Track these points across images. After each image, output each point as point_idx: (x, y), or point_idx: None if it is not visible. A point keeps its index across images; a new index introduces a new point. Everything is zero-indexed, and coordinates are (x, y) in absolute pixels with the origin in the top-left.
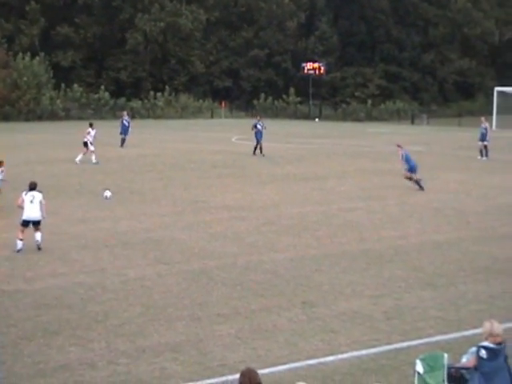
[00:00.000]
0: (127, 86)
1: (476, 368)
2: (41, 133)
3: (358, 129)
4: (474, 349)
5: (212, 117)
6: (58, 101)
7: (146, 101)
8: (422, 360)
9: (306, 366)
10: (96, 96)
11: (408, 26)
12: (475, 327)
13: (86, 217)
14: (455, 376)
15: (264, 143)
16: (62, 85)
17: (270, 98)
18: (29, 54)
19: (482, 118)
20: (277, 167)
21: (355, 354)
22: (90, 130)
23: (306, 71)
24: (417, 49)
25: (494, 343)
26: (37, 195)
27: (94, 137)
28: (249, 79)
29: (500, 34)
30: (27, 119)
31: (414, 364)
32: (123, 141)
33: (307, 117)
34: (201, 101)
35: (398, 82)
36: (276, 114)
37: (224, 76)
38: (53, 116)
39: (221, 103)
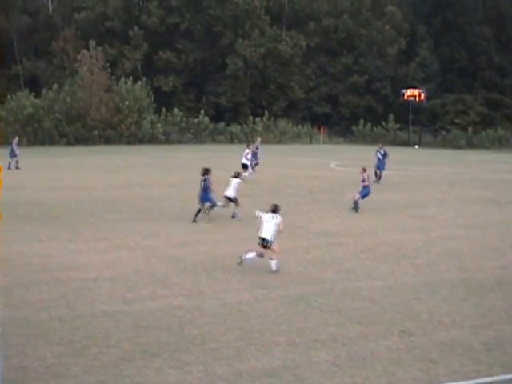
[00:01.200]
0: (226, 110)
1: None
2: (142, 155)
3: (458, 156)
4: None
5: (310, 142)
6: (159, 125)
7: (244, 125)
8: None
9: None
10: (196, 120)
11: (511, 53)
12: None
13: (186, 240)
14: None
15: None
16: (163, 109)
17: (369, 125)
18: (131, 78)
19: None
20: (375, 194)
21: None
22: (247, 150)
23: (405, 97)
24: None
25: None
26: (277, 218)
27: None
28: (348, 105)
29: None
30: (128, 142)
31: None
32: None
33: (406, 143)
34: (299, 126)
35: (499, 110)
36: (375, 140)
37: (323, 102)
38: (153, 140)
39: (319, 129)
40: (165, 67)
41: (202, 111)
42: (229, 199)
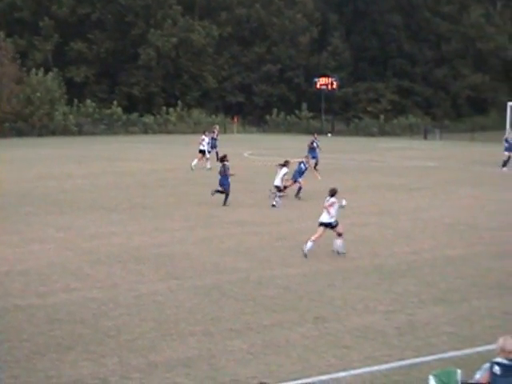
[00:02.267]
0: (140, 101)
1: None
2: (54, 148)
3: (370, 144)
4: (487, 365)
5: (224, 132)
6: (71, 116)
7: (158, 116)
8: (435, 376)
9: (318, 382)
10: (108, 111)
11: (420, 41)
12: (489, 343)
13: (99, 232)
14: None
15: (276, 159)
16: (75, 100)
17: (283, 113)
18: (42, 69)
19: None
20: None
21: (368, 369)
22: (204, 137)
23: (318, 86)
24: (429, 64)
25: (507, 359)
26: (330, 200)
27: (208, 143)
28: (261, 94)
29: None
30: (40, 134)
31: (427, 380)
32: None
33: (319, 132)
34: (213, 116)
35: (410, 97)
36: (288, 129)
37: (236, 91)
38: (66, 131)
39: (233, 118)
40: (76, 58)
41: (115, 102)
42: (277, 188)
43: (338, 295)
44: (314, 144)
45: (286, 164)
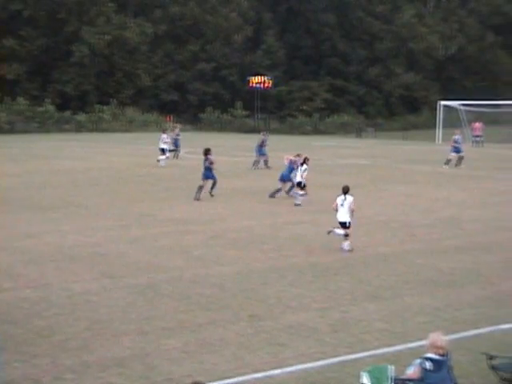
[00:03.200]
0: (73, 99)
1: (421, 379)
2: None
3: (304, 142)
4: (418, 360)
5: (159, 130)
6: (3, 114)
7: (91, 114)
8: (368, 372)
9: (252, 380)
10: (41, 109)
11: (354, 40)
12: (420, 339)
13: (32, 231)
14: None
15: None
16: (7, 98)
17: (217, 112)
18: None
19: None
20: (224, 181)
21: (301, 367)
22: (164, 135)
23: (252, 85)
24: (363, 63)
25: (438, 355)
26: (348, 198)
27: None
28: (195, 93)
29: (444, 49)
30: None
31: (359, 376)
32: None
33: (254, 130)
34: (147, 114)
35: (344, 96)
36: (223, 127)
37: (170, 89)
38: None
39: (167, 117)
40: (8, 55)
41: (48, 100)
42: (299, 185)
43: (273, 293)
44: (264, 142)
45: (305, 161)
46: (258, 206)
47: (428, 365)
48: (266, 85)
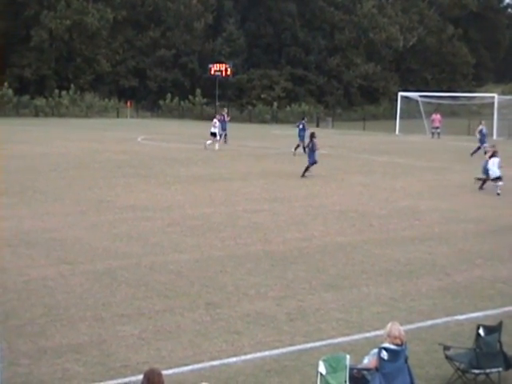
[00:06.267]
0: (31, 83)
1: (377, 369)
2: None
3: (263, 131)
4: (375, 350)
5: (118, 116)
6: None
7: (50, 99)
8: (325, 361)
9: (209, 367)
10: None
11: (314, 30)
12: (377, 329)
13: None
14: (357, 377)
15: (169, 144)
16: None
17: (177, 99)
18: None
19: (483, 122)
20: (182, 168)
21: (258, 355)
22: (215, 120)
23: (212, 72)
24: (323, 52)
25: (394, 345)
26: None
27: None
28: (155, 79)
29: (404, 40)
30: None
31: (316, 365)
32: None
33: (213, 118)
34: (106, 100)
35: (303, 85)
36: (182, 114)
37: (130, 75)
38: None
39: (126, 103)
40: None
41: (6, 83)
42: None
43: (230, 281)
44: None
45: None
46: (216, 194)
47: (384, 354)
48: (226, 73)
